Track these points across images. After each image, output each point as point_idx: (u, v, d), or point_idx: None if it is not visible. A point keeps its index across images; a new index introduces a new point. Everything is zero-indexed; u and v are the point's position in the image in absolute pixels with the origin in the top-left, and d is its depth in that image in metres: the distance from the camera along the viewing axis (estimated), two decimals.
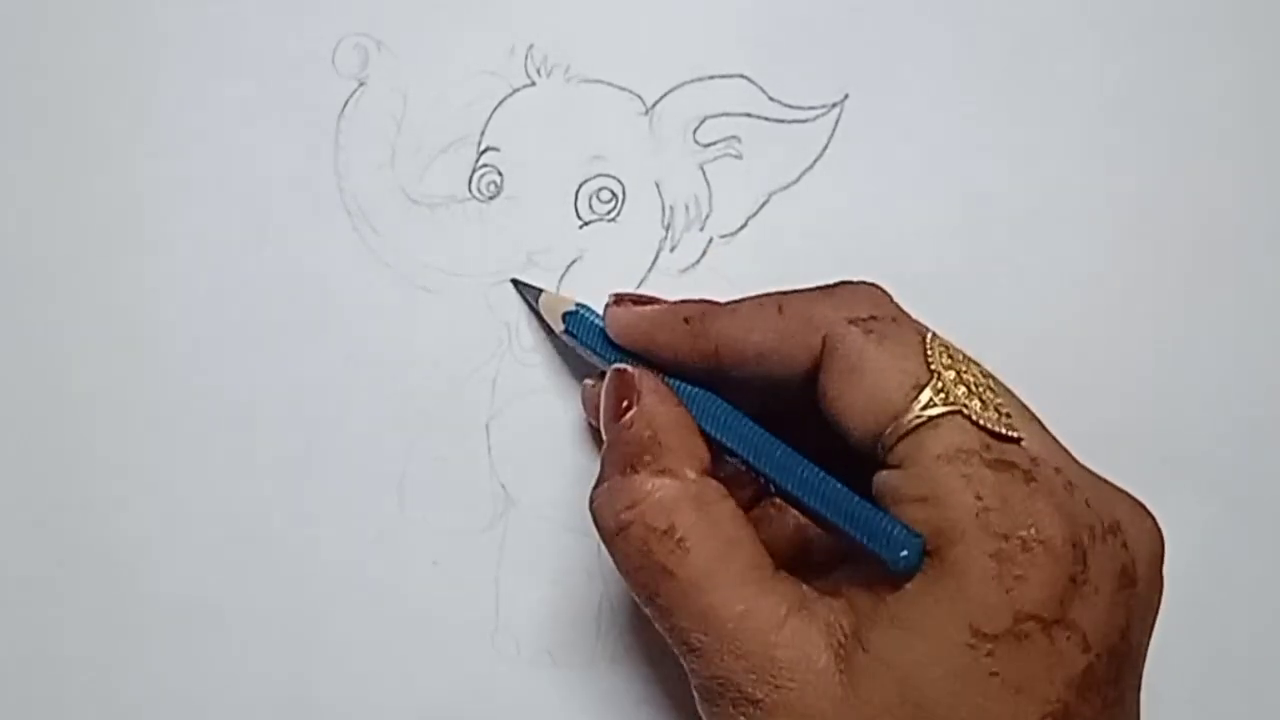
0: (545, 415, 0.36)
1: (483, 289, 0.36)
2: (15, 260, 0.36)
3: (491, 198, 0.37)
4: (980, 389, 0.29)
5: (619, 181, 0.37)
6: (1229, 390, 0.38)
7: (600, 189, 0.37)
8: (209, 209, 0.36)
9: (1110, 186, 0.38)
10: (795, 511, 0.32)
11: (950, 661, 0.27)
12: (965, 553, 0.27)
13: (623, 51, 0.37)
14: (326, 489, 0.36)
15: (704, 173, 0.37)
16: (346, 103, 0.36)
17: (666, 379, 0.31)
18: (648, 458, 0.30)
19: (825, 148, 0.37)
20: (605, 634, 0.36)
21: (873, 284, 0.31)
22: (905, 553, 0.27)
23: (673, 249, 0.37)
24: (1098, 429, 0.37)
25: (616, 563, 0.30)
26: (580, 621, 0.36)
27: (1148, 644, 0.29)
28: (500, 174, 0.36)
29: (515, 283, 0.36)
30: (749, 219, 0.37)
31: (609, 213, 0.37)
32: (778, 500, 0.32)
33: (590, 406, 0.35)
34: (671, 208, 0.37)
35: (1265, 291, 0.38)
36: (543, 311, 0.35)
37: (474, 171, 0.36)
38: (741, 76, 0.37)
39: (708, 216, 0.37)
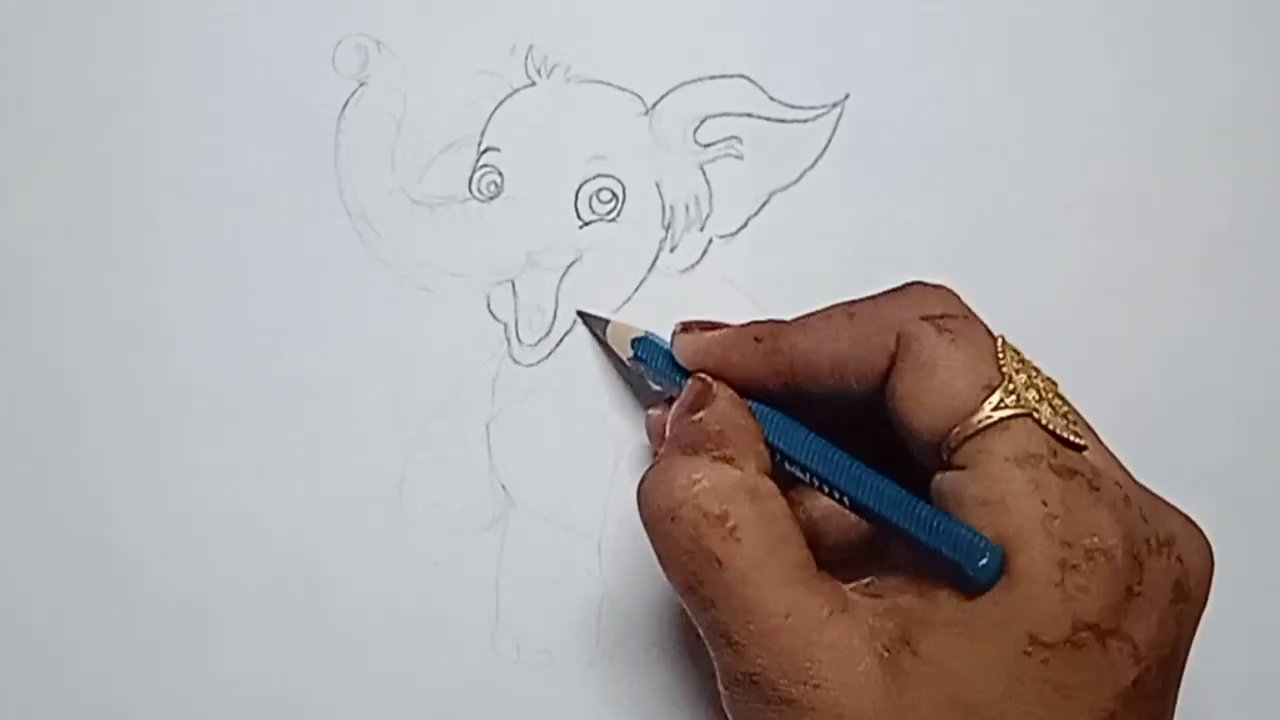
0: (545, 415, 0.36)
1: (483, 289, 0.36)
2: (15, 260, 0.36)
3: (491, 198, 0.37)
4: (1048, 395, 0.29)
5: (619, 182, 0.37)
6: (1230, 390, 0.38)
7: (600, 189, 0.37)
8: (209, 209, 0.36)
9: (1110, 186, 0.38)
10: (808, 514, 0.32)
11: (1005, 667, 0.26)
12: (1030, 560, 0.27)
13: (623, 51, 0.37)
14: (326, 489, 0.36)
15: (704, 173, 0.37)
16: (346, 103, 0.36)
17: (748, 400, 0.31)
18: (710, 445, 0.29)
19: (825, 148, 0.37)
20: (605, 634, 0.36)
21: (942, 285, 0.31)
22: (984, 561, 0.27)
23: (673, 249, 0.37)
24: (1099, 428, 0.37)
25: (660, 549, 0.29)
26: (580, 621, 0.36)
27: (1186, 657, 0.29)
28: (500, 174, 0.36)
29: (581, 314, 0.36)
30: (749, 219, 0.37)
31: (609, 213, 0.37)
32: (815, 502, 0.32)
33: (655, 434, 0.35)
34: (671, 208, 0.37)
35: (1266, 291, 0.38)
36: (610, 341, 0.35)
37: (474, 172, 0.36)
38: (742, 76, 0.37)
39: (708, 216, 0.37)
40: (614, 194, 0.36)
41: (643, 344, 0.34)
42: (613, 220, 0.37)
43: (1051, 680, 0.26)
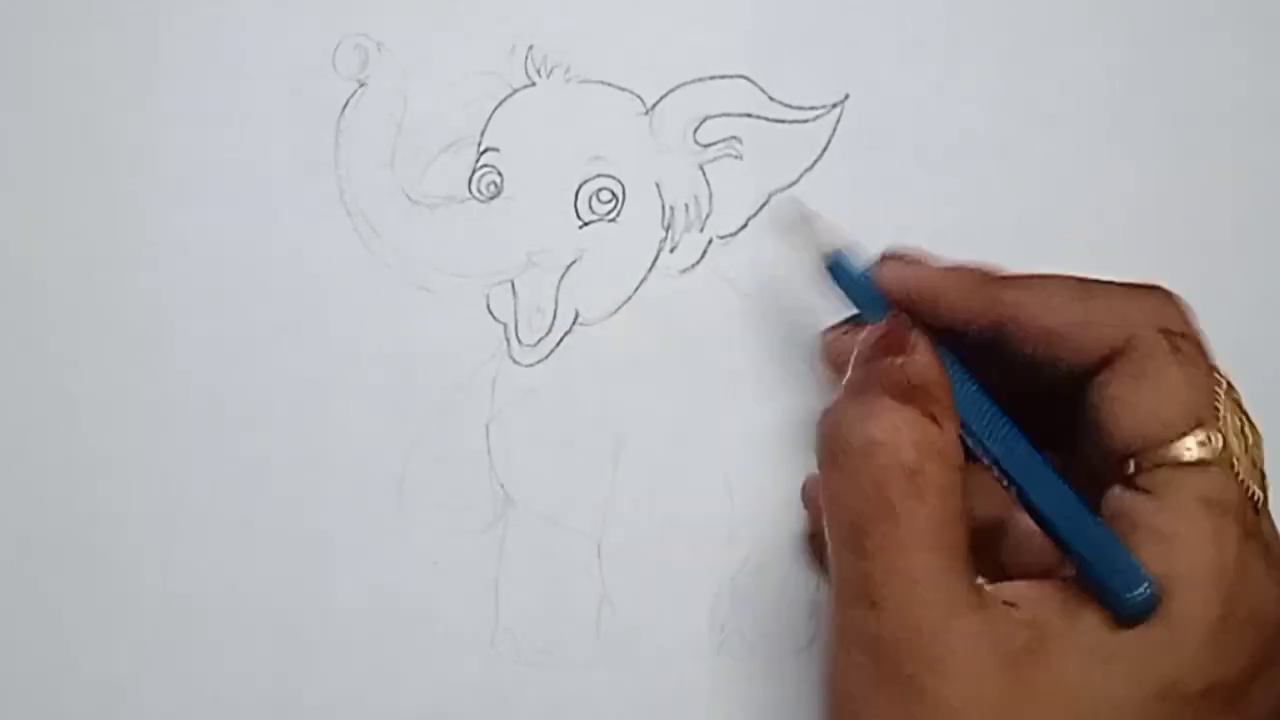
0: (545, 415, 0.36)
1: (482, 289, 0.36)
2: (15, 260, 0.36)
3: (491, 198, 0.37)
4: (1253, 448, 0.28)
5: (619, 182, 0.37)
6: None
7: (600, 189, 0.37)
8: (209, 209, 0.36)
9: (1111, 186, 0.38)
10: (993, 509, 0.31)
11: (1134, 706, 0.26)
12: (1192, 607, 0.26)
13: (623, 51, 0.37)
14: (326, 489, 0.36)
15: (704, 173, 0.37)
16: (346, 103, 0.36)
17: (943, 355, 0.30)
18: (916, 396, 0.28)
19: (825, 148, 0.37)
20: (605, 634, 0.36)
21: (1175, 296, 0.30)
22: (1140, 592, 0.26)
23: (673, 249, 0.37)
24: None
25: (835, 485, 0.28)
26: (580, 621, 0.36)
27: None
28: (500, 174, 0.36)
29: (792, 203, 0.34)
30: (749, 219, 0.37)
31: (609, 213, 0.37)
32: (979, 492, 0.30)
33: (832, 359, 0.33)
34: (671, 208, 0.37)
35: (1266, 291, 0.38)
36: (813, 239, 0.33)
37: (474, 171, 0.36)
38: (742, 77, 0.37)
39: (708, 217, 0.37)
40: (614, 194, 0.36)
41: (839, 262, 0.32)
42: (613, 220, 0.37)
43: None
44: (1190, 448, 0.27)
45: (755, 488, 0.36)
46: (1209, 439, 0.27)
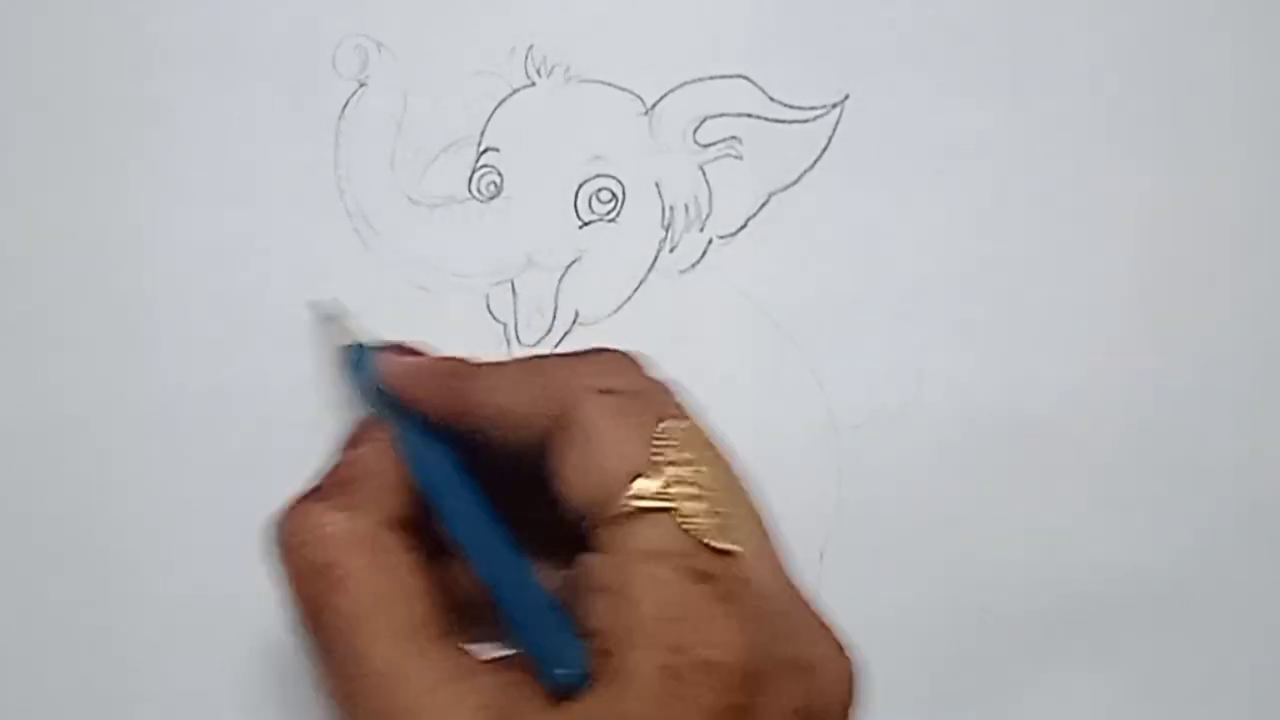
0: None
1: (482, 289, 0.36)
2: (14, 260, 0.36)
3: (491, 198, 0.37)
4: (709, 491, 0.27)
5: (619, 182, 0.37)
6: (1233, 389, 0.38)
7: (600, 189, 0.37)
8: (209, 209, 0.36)
9: (1111, 186, 0.38)
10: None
11: None
12: (634, 660, 0.25)
13: (623, 51, 0.37)
14: None
15: (704, 173, 0.37)
16: (346, 104, 0.36)
17: (410, 438, 0.30)
18: (337, 490, 0.29)
19: (825, 148, 0.37)
20: None
21: (626, 353, 0.30)
22: (564, 671, 0.26)
23: (673, 249, 0.37)
24: (1100, 428, 0.37)
25: (283, 586, 0.29)
26: None
27: None
28: (500, 174, 0.36)
29: (314, 306, 0.35)
30: (749, 219, 0.37)
31: (609, 213, 0.37)
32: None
33: None
34: (671, 208, 0.37)
35: (1266, 291, 0.38)
36: (329, 337, 0.34)
37: (474, 172, 0.36)
38: (742, 77, 0.37)
39: (708, 217, 0.37)
40: (614, 194, 0.36)
41: (358, 352, 0.33)
42: (612, 220, 0.37)
43: None
44: (625, 500, 0.27)
45: (754, 488, 0.36)
46: (646, 489, 0.27)
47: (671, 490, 0.27)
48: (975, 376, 0.37)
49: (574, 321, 0.36)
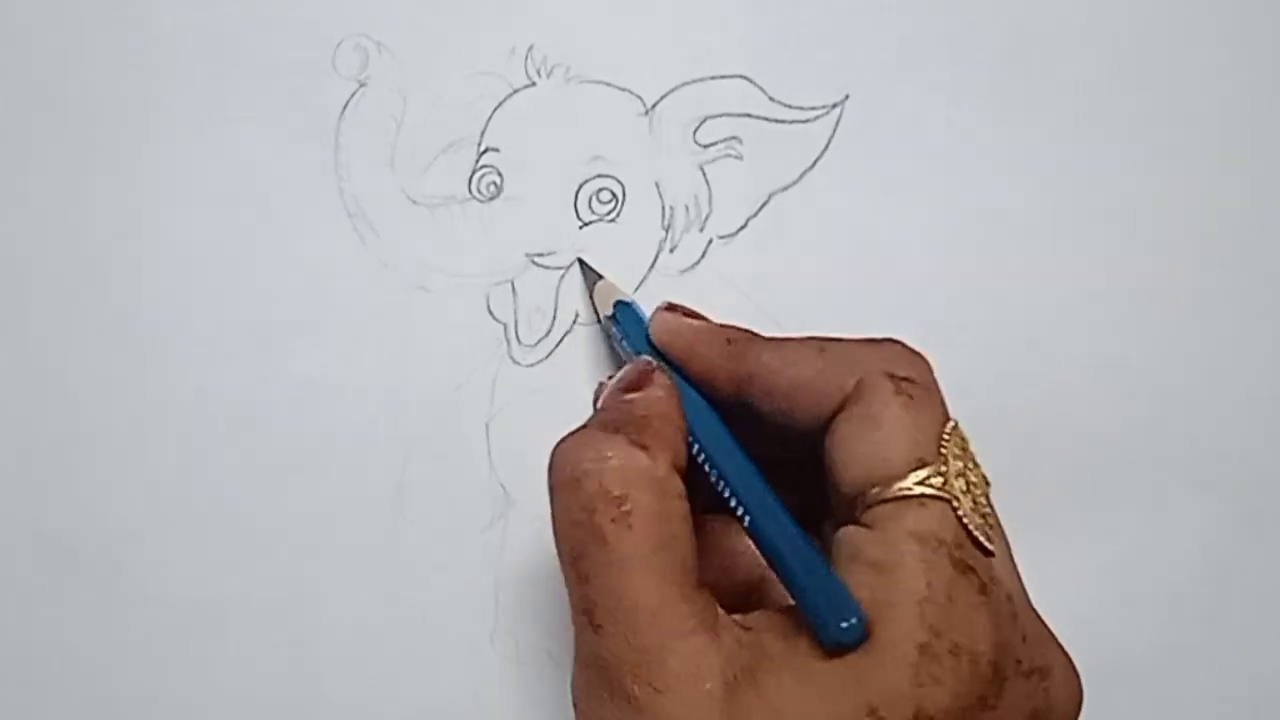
0: (545, 415, 0.36)
1: (483, 289, 0.36)
2: (14, 260, 0.36)
3: (491, 198, 0.37)
4: (976, 492, 0.29)
5: (619, 182, 0.37)
6: (1232, 389, 0.38)
7: (600, 189, 0.37)
8: (209, 209, 0.36)
9: (1110, 186, 0.38)
10: (737, 550, 0.32)
11: None
12: (895, 633, 0.26)
13: (623, 51, 0.37)
14: (326, 489, 0.36)
15: (704, 173, 0.37)
16: (346, 103, 0.36)
17: (687, 394, 0.31)
18: (632, 429, 0.29)
19: (825, 148, 0.37)
20: None
21: (919, 352, 0.31)
22: (847, 624, 0.26)
23: (672, 249, 0.37)
24: (1100, 428, 0.37)
25: (555, 514, 0.29)
26: None
27: None
28: (500, 174, 0.36)
29: (581, 263, 0.36)
30: (749, 219, 0.37)
31: (609, 213, 0.37)
32: (719, 527, 0.32)
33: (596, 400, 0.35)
34: (671, 208, 0.37)
35: (1266, 291, 0.38)
36: (595, 297, 0.35)
37: (474, 172, 0.36)
38: (742, 77, 0.37)
39: (708, 217, 0.37)
40: (614, 194, 0.36)
41: (623, 309, 0.34)
42: (612, 220, 0.37)
43: None
44: (909, 485, 0.28)
45: None
46: (929, 479, 0.28)
47: (955, 482, 0.28)
48: (974, 376, 0.37)
49: (574, 321, 0.36)
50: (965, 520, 0.28)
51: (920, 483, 0.28)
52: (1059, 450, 0.37)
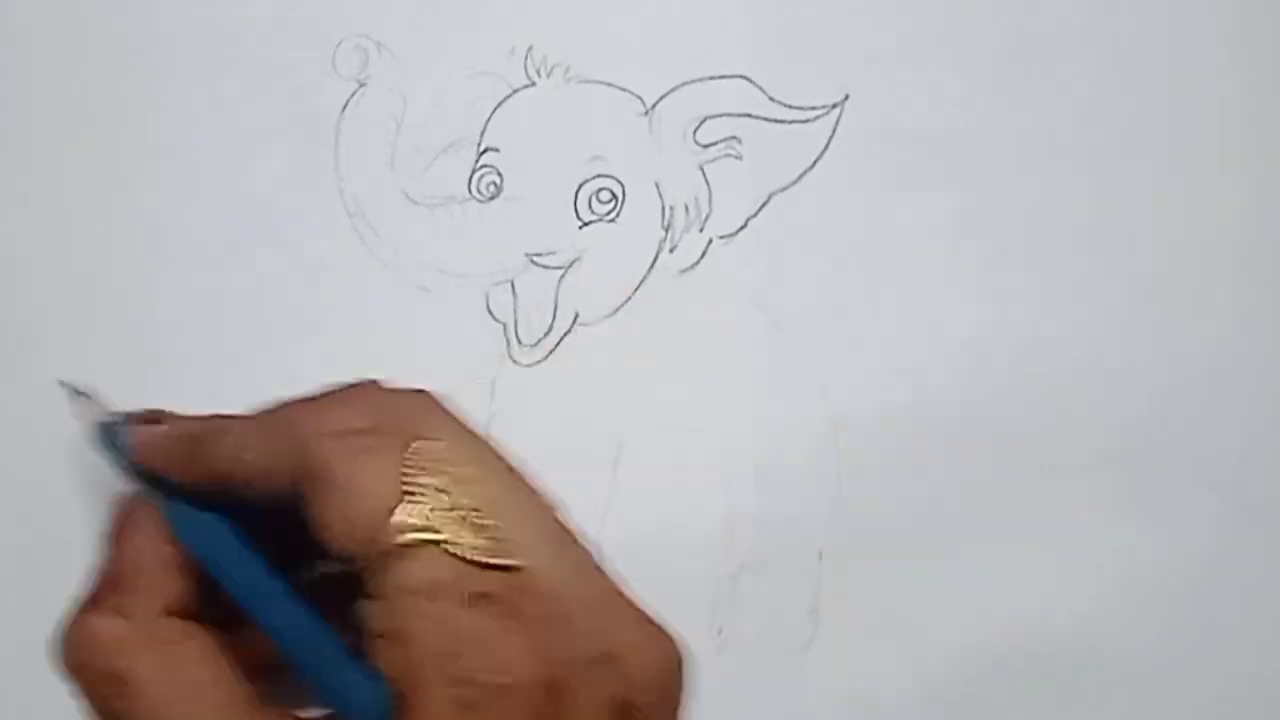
0: (545, 415, 0.36)
1: (483, 289, 0.36)
2: (15, 260, 0.36)
3: (491, 198, 0.37)
4: (474, 510, 0.27)
5: (619, 182, 0.37)
6: (1232, 389, 0.38)
7: (600, 189, 0.37)
8: (209, 209, 0.36)
9: (1111, 186, 0.38)
10: None
11: None
12: (426, 700, 0.25)
13: (623, 51, 0.37)
14: None
15: (704, 173, 0.37)
16: (346, 103, 0.36)
17: (175, 510, 0.29)
18: (108, 593, 0.28)
19: (825, 148, 0.37)
20: None
21: (369, 384, 0.29)
22: (370, 700, 0.25)
23: (672, 249, 0.37)
24: (1100, 428, 0.37)
25: (80, 704, 0.27)
26: None
27: None
28: (500, 174, 0.36)
29: (64, 384, 0.33)
30: (749, 219, 0.37)
31: (609, 213, 0.37)
32: None
33: None
34: (671, 208, 0.37)
35: (1266, 291, 0.38)
36: (82, 413, 0.33)
37: (474, 172, 0.36)
38: (741, 77, 0.37)
39: (708, 217, 0.37)
40: (614, 194, 0.36)
41: (108, 432, 0.31)
42: (612, 220, 0.37)
43: None
44: (388, 538, 0.26)
45: (755, 488, 0.36)
46: (406, 523, 0.26)
47: (433, 518, 0.26)
48: (975, 376, 0.37)
49: (574, 321, 0.36)
50: (461, 551, 0.26)
51: (399, 531, 0.26)
52: (1059, 450, 0.37)
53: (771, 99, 0.37)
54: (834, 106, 0.37)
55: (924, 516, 0.37)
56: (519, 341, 0.36)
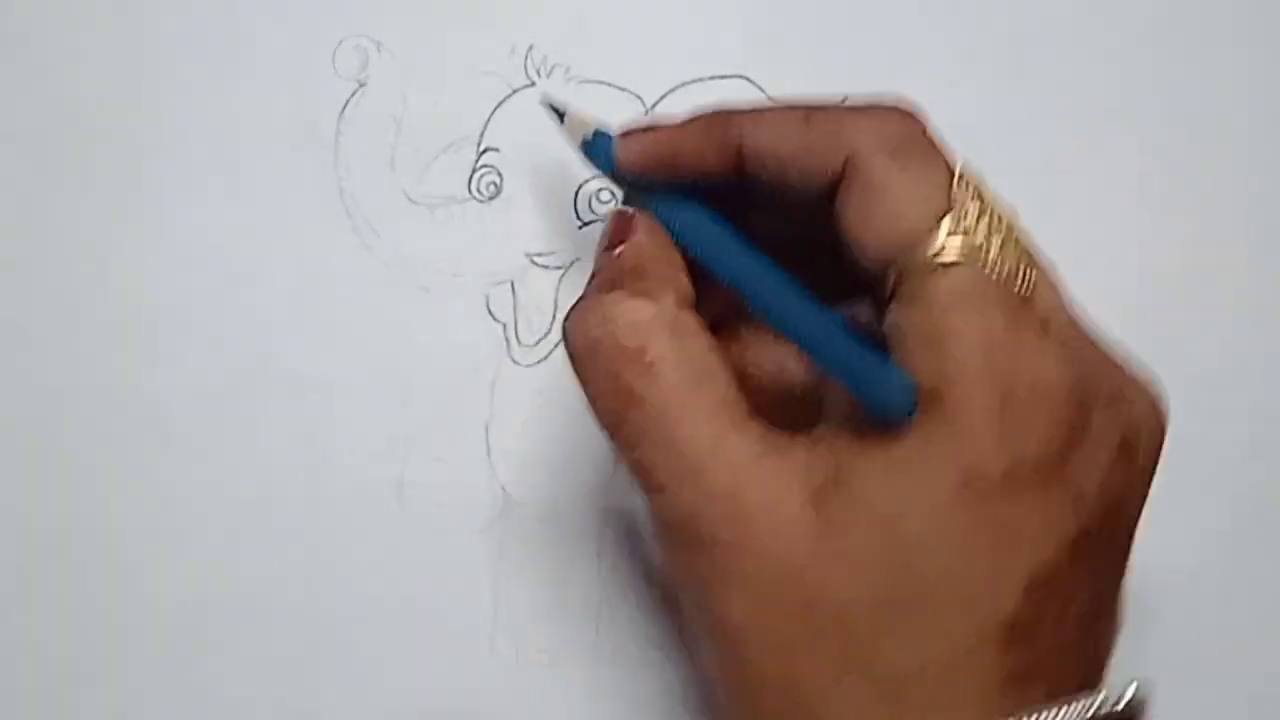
0: (545, 416, 0.36)
1: (482, 289, 0.36)
2: (14, 259, 0.36)
3: (491, 198, 0.37)
4: (1004, 231, 0.27)
5: None
6: (1232, 389, 0.38)
7: (600, 189, 0.37)
8: (209, 209, 0.36)
9: (1111, 186, 0.38)
10: (778, 364, 0.31)
11: (939, 507, 0.25)
12: (967, 395, 0.25)
13: (623, 51, 0.37)
14: (325, 489, 0.36)
15: None
16: (346, 104, 0.36)
17: (675, 215, 0.30)
18: (627, 280, 0.28)
19: None
20: (605, 634, 0.36)
21: (907, 110, 0.29)
22: (896, 394, 0.26)
23: None
24: None
25: (584, 387, 0.28)
26: (580, 622, 0.36)
27: (1137, 522, 0.28)
28: (500, 174, 0.36)
29: (548, 107, 0.33)
30: None
31: None
32: (760, 350, 0.31)
33: None
34: None
35: (1267, 290, 0.38)
36: (567, 132, 0.33)
37: (474, 172, 0.36)
38: (741, 77, 0.37)
39: None
40: (614, 194, 0.36)
41: (593, 143, 0.31)
42: None
43: (989, 521, 0.25)
44: (934, 247, 0.27)
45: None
46: (952, 231, 0.27)
47: (979, 228, 0.27)
48: None
49: None
50: (1003, 264, 0.27)
51: (944, 237, 0.27)
52: None
53: (771, 99, 0.37)
54: None
55: None
56: (519, 341, 0.36)
